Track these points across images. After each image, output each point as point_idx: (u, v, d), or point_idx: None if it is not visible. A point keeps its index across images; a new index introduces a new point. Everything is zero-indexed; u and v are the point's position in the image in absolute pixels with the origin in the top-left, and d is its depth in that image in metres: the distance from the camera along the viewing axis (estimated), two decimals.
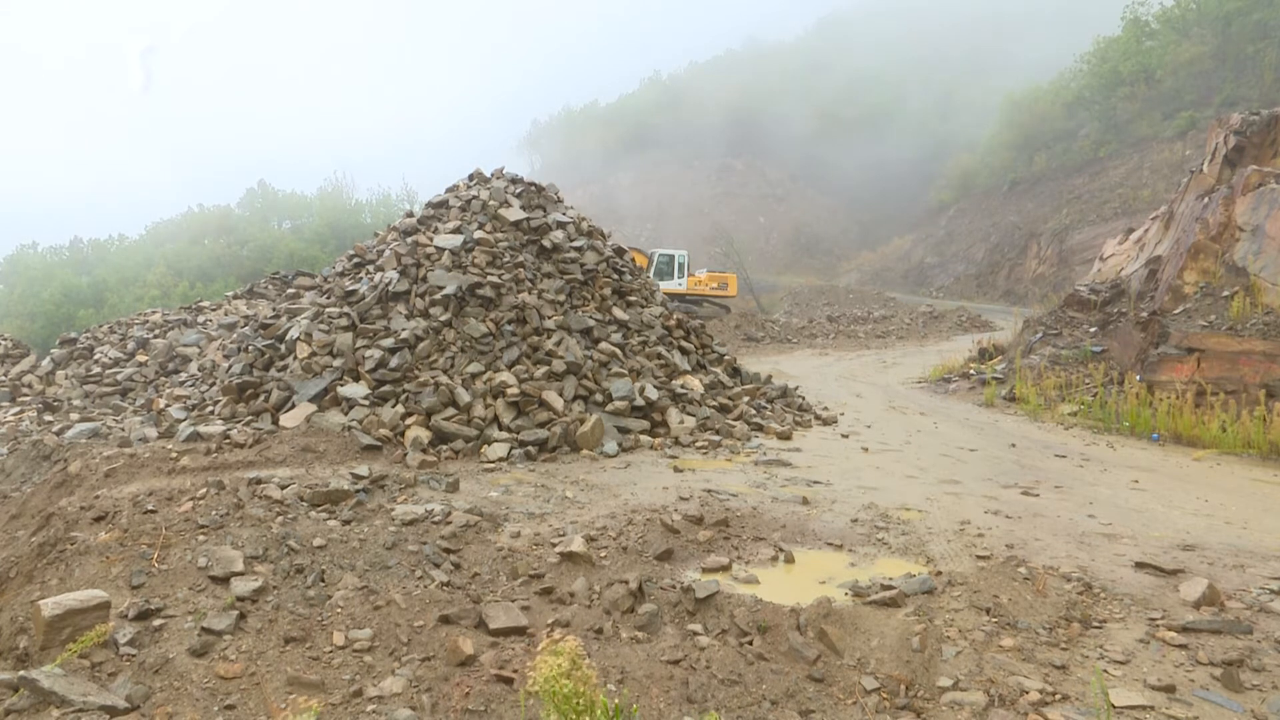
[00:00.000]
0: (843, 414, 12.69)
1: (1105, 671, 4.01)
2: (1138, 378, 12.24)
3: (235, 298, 20.54)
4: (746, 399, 11.74)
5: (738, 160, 69.25)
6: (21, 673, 3.72)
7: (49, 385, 15.53)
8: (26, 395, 15.15)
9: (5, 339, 18.91)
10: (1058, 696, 3.80)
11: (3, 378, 16.13)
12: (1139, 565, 5.50)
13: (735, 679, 4.03)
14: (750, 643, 4.39)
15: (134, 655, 3.97)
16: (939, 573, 5.30)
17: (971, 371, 16.48)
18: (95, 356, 16.10)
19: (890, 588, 4.94)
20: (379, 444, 8.53)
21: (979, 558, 5.62)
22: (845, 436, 10.91)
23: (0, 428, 12.38)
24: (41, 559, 5.33)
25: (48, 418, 13.12)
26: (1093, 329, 15.27)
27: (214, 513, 5.82)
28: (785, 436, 10.47)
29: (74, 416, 12.86)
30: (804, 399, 13.12)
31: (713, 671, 4.09)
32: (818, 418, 12.10)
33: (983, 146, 51.35)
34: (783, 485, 7.87)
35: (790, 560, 5.69)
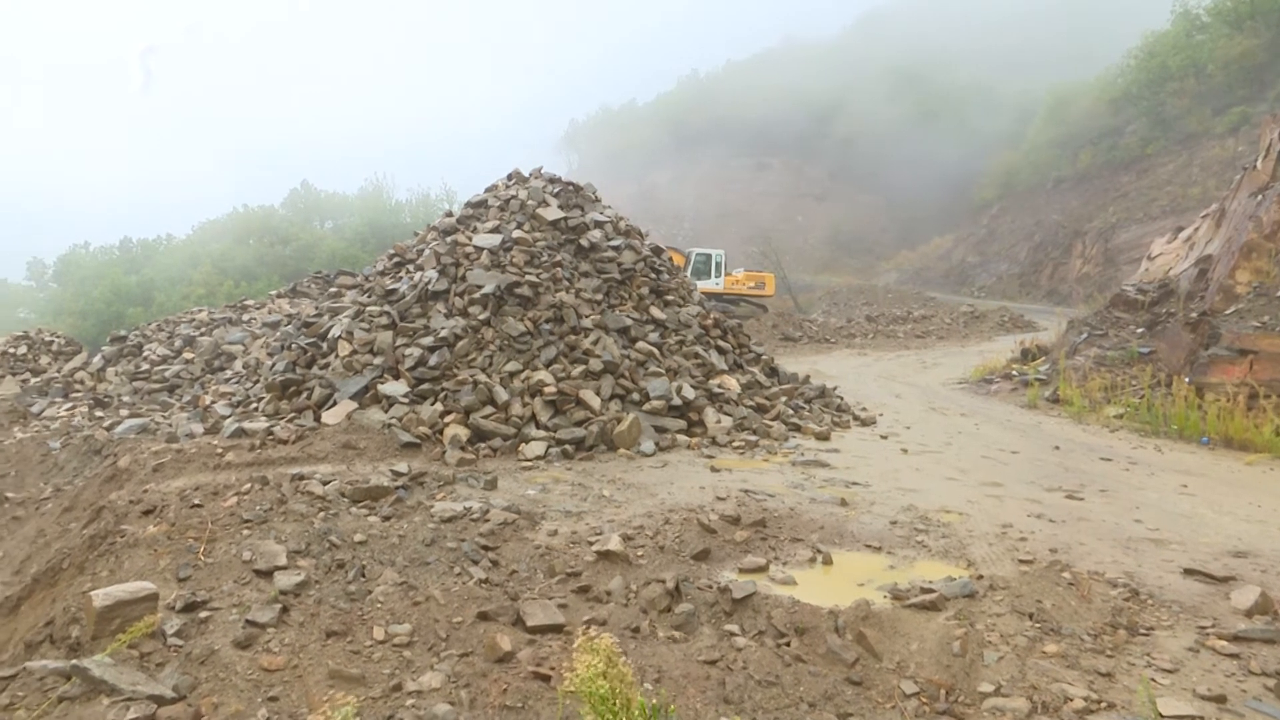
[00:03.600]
0: (882, 415, 12.55)
1: (1153, 680, 3.93)
2: (1186, 380, 11.95)
3: (279, 296, 20.90)
4: (784, 399, 11.66)
5: (775, 159, 68.91)
6: (74, 661, 3.81)
7: (100, 382, 15.93)
8: (79, 391, 15.56)
9: (58, 336, 19.43)
10: (1103, 705, 3.72)
11: (56, 374, 16.58)
12: (1188, 572, 5.38)
13: (772, 680, 4.01)
14: (788, 644, 4.37)
15: (181, 646, 4.06)
16: (980, 576, 5.22)
17: (1014, 372, 16.21)
18: (144, 354, 16.48)
19: (930, 591, 4.87)
20: (418, 441, 8.62)
21: (1021, 562, 5.53)
22: (884, 437, 10.80)
23: (54, 423, 12.72)
24: (93, 551, 5.47)
25: (99, 413, 13.45)
26: (1140, 330, 14.94)
27: (258, 507, 5.92)
28: (823, 437, 10.39)
29: (123, 412, 13.17)
30: (842, 399, 13.00)
31: (750, 672, 4.07)
32: (856, 418, 11.98)
33: (1026, 144, 50.51)
34: (820, 486, 7.81)
35: (828, 562, 5.65)
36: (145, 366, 15.93)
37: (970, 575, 5.25)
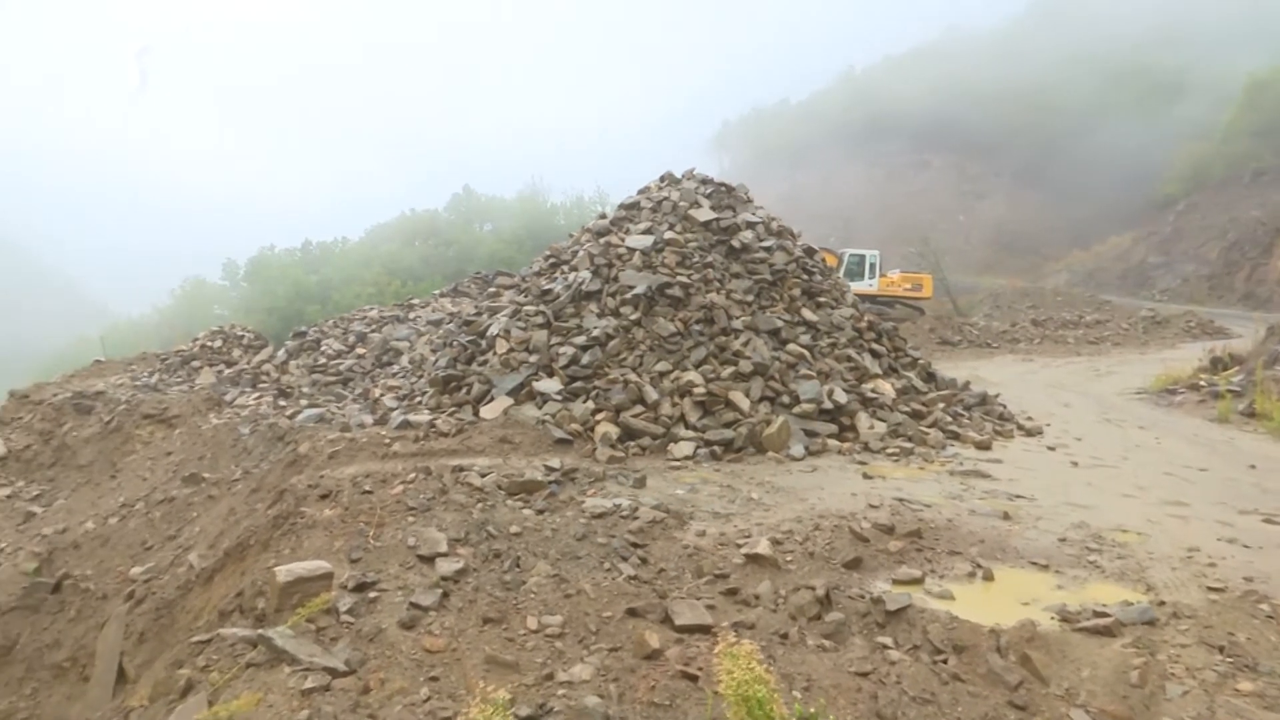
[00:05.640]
0: (1049, 424, 11.82)
1: None
2: None
3: (441, 296, 21.92)
4: (941, 405, 11.18)
5: (935, 156, 66.26)
6: (260, 631, 4.14)
7: (283, 374, 17.20)
8: (265, 382, 16.86)
9: (248, 331, 21.15)
10: None
11: (246, 366, 18.03)
12: None
13: (928, 698, 3.85)
14: (945, 661, 4.18)
15: (352, 623, 4.32)
16: (1161, 602, 4.82)
17: (1202, 383, 14.89)
18: (321, 349, 17.67)
19: (1104, 614, 4.55)
20: (570, 438, 8.83)
21: (1210, 589, 5.05)
22: (1052, 449, 10.16)
23: (243, 410, 13.83)
24: (276, 530, 5.92)
25: (282, 403, 14.53)
26: None
27: (422, 496, 6.23)
28: (984, 446, 9.89)
29: (303, 402, 14.17)
30: (1005, 407, 12.33)
31: (903, 688, 3.93)
32: (1020, 427, 11.34)
33: (1220, 133, 46.29)
34: (981, 497, 7.44)
35: (989, 577, 5.37)
36: (322, 360, 17.09)
37: (1150, 601, 4.85)
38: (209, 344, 19.79)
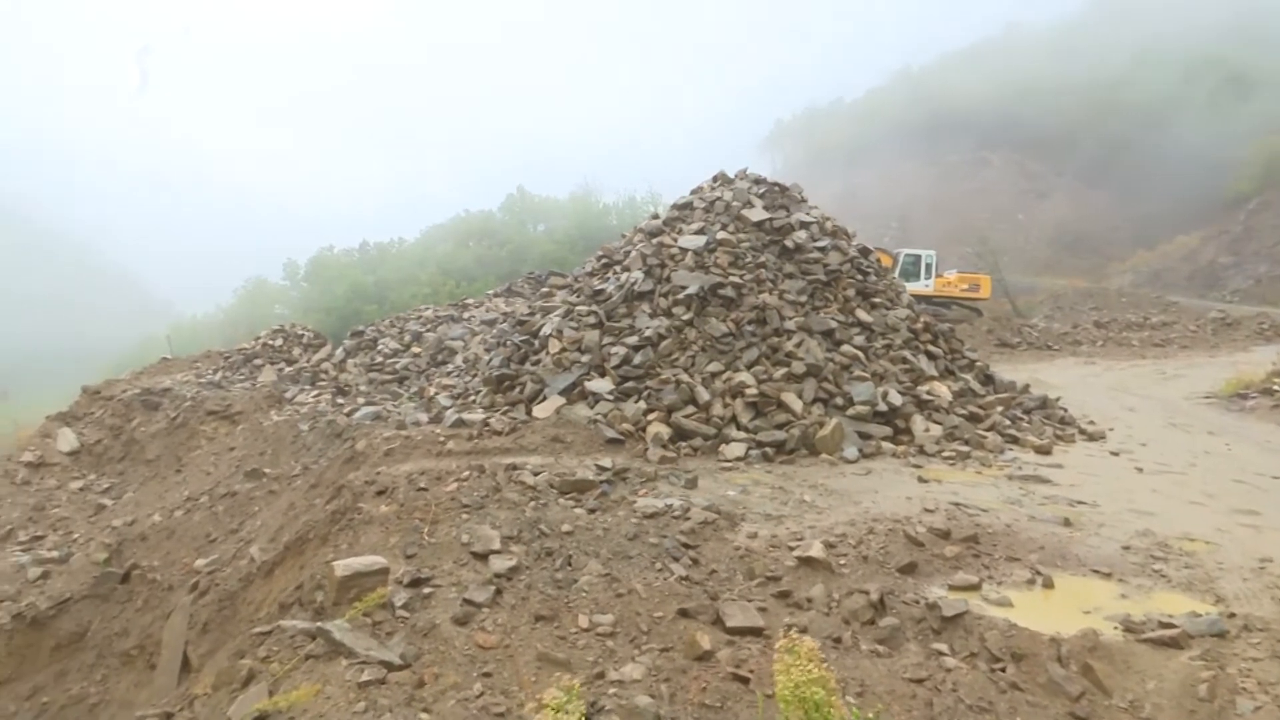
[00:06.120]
0: (1112, 429, 11.49)
1: None
2: None
3: (495, 295, 22.20)
4: (1000, 408, 10.95)
5: (994, 154, 64.81)
6: (319, 624, 4.23)
7: (341, 372, 17.56)
8: (324, 380, 17.24)
9: (308, 330, 21.62)
10: None
11: (305, 364, 18.45)
12: None
13: (985, 706, 3.77)
14: (1003, 669, 4.10)
15: (407, 618, 4.39)
16: (1232, 614, 4.65)
17: (1275, 387, 14.34)
18: (378, 347, 18.01)
19: (1171, 625, 4.41)
20: (621, 438, 8.85)
21: None
22: (1115, 454, 9.88)
23: (303, 408, 14.15)
24: (334, 525, 6.04)
25: (340, 400, 14.84)
26: None
27: (475, 494, 6.31)
28: (1044, 451, 9.65)
29: (360, 400, 14.46)
30: (1066, 411, 12.02)
31: (959, 695, 3.86)
32: (1082, 432, 11.04)
33: None
34: (1041, 503, 7.27)
35: (1049, 585, 5.24)
36: (379, 359, 17.42)
37: (1220, 612, 4.69)
38: (270, 342, 20.28)
